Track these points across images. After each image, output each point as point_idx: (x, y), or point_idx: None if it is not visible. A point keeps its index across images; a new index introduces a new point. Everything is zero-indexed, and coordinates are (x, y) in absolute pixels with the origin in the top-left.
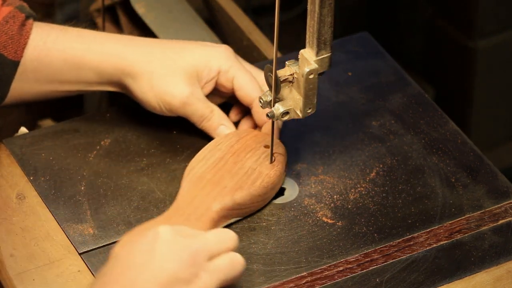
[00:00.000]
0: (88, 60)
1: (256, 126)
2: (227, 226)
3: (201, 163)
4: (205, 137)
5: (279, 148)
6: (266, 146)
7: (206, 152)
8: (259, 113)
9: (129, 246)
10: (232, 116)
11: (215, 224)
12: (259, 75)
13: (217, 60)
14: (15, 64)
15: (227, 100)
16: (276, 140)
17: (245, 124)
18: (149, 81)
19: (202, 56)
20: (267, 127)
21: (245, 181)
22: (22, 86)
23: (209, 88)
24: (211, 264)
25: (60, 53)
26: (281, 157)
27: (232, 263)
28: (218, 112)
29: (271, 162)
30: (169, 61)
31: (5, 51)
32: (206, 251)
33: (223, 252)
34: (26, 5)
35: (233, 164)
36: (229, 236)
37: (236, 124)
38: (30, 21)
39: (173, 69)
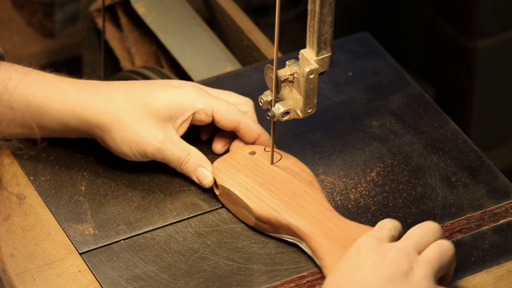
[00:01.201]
0: (51, 109)
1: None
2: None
3: (265, 200)
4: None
5: (261, 146)
6: (251, 153)
7: (248, 193)
8: (248, 131)
9: (340, 264)
10: (203, 136)
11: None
12: (228, 96)
13: (190, 101)
14: None
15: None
16: (260, 140)
17: (218, 143)
18: (119, 132)
19: (172, 99)
20: (259, 142)
21: (301, 175)
22: None
23: (184, 128)
24: (422, 256)
25: (22, 99)
26: (281, 151)
27: (440, 250)
28: (195, 154)
29: (272, 163)
30: (137, 107)
31: None
32: (413, 246)
33: (430, 243)
34: None
35: (275, 179)
36: (431, 227)
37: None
38: None
39: (142, 115)
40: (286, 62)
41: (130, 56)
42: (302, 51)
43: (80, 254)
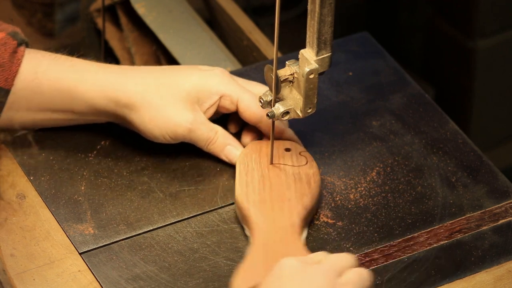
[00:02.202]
0: (81, 91)
1: (259, 137)
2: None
3: (250, 188)
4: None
5: (299, 147)
6: (287, 149)
7: (244, 178)
8: (269, 126)
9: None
10: (232, 129)
11: (302, 240)
12: (255, 88)
13: (218, 85)
14: (6, 92)
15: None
16: (293, 139)
17: (247, 136)
18: (148, 112)
19: (201, 81)
20: (285, 133)
21: (302, 187)
22: (13, 114)
23: (211, 112)
24: (342, 278)
25: (52, 83)
26: (307, 153)
27: (361, 275)
28: (222, 132)
29: (271, 163)
30: (166, 89)
31: None
32: (335, 268)
33: (349, 268)
34: (20, 30)
35: (278, 177)
36: (348, 256)
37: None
38: (22, 48)
39: (172, 96)
40: (286, 62)
41: (130, 56)
42: (302, 51)
43: (80, 254)
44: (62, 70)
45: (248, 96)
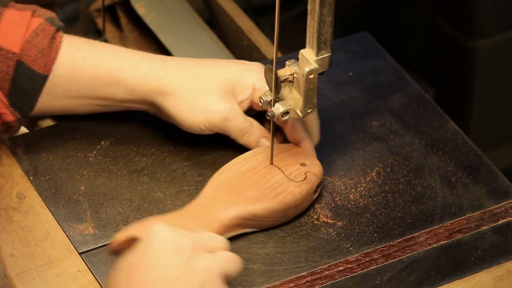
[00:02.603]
0: (120, 77)
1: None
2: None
3: (232, 169)
4: (206, 137)
5: (315, 168)
6: (302, 164)
7: (241, 160)
8: (293, 131)
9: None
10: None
11: (225, 230)
12: None
13: (252, 78)
14: (44, 78)
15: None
16: (315, 160)
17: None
18: (186, 99)
19: (237, 72)
20: (304, 145)
21: (268, 194)
22: (50, 100)
23: (245, 105)
24: (213, 254)
25: (91, 70)
26: (313, 177)
27: (232, 258)
28: (257, 125)
29: (271, 163)
30: (204, 78)
31: (34, 65)
32: (203, 243)
33: (220, 250)
34: (56, 16)
35: (263, 176)
36: (222, 239)
37: None
38: (60, 34)
39: (208, 86)
40: (286, 62)
41: None
42: (302, 51)
43: (80, 254)
44: (101, 57)
45: None
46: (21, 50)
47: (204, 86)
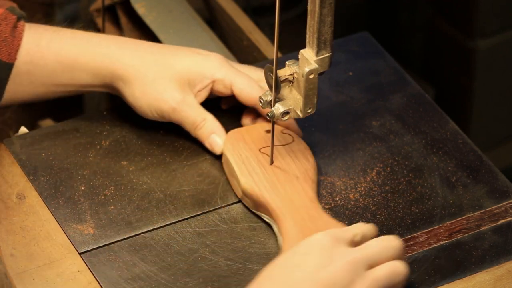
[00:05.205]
0: (82, 62)
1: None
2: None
3: (254, 176)
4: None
5: (278, 126)
6: (267, 131)
7: (243, 167)
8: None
9: (285, 253)
10: (247, 121)
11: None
12: (254, 72)
13: (210, 69)
14: (9, 67)
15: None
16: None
17: (247, 118)
18: (141, 86)
19: (194, 64)
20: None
21: (301, 162)
22: (16, 88)
23: (203, 95)
24: (370, 273)
25: (54, 56)
26: (288, 130)
27: (393, 272)
28: (210, 120)
29: (271, 163)
30: (160, 66)
31: None
32: (366, 259)
33: (385, 261)
34: (16, 5)
35: (275, 160)
36: (393, 245)
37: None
38: (22, 22)
39: (164, 74)
40: (286, 62)
41: None
42: (302, 51)
43: (80, 254)
44: (64, 42)
45: (241, 80)
46: None
47: (159, 74)
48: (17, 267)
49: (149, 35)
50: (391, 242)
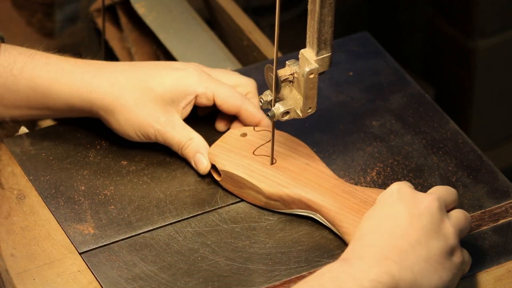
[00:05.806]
0: (56, 90)
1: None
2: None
3: (272, 180)
4: (206, 137)
5: (246, 127)
6: (243, 135)
7: (254, 175)
8: (249, 117)
9: (372, 212)
10: (221, 126)
11: None
12: (230, 77)
13: (192, 85)
14: None
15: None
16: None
17: (220, 123)
18: (124, 114)
19: (175, 82)
20: (263, 124)
21: (298, 149)
22: None
23: (188, 110)
24: (451, 215)
25: (27, 82)
26: (259, 127)
27: (465, 216)
28: (196, 140)
29: (272, 163)
30: (141, 92)
31: None
32: (442, 200)
33: (452, 204)
34: None
35: (275, 157)
36: (454, 191)
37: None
38: None
39: (145, 99)
40: (286, 62)
41: (130, 56)
42: (302, 51)
43: (80, 253)
44: (37, 69)
45: (223, 90)
46: None
47: (139, 100)
48: (18, 267)
49: (149, 35)
50: (452, 189)
